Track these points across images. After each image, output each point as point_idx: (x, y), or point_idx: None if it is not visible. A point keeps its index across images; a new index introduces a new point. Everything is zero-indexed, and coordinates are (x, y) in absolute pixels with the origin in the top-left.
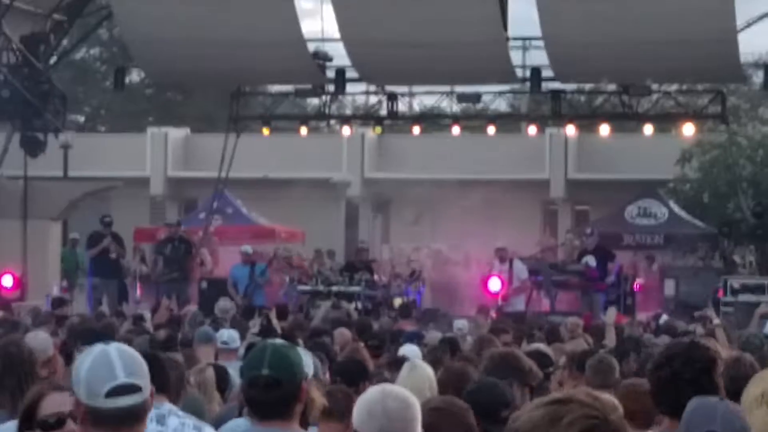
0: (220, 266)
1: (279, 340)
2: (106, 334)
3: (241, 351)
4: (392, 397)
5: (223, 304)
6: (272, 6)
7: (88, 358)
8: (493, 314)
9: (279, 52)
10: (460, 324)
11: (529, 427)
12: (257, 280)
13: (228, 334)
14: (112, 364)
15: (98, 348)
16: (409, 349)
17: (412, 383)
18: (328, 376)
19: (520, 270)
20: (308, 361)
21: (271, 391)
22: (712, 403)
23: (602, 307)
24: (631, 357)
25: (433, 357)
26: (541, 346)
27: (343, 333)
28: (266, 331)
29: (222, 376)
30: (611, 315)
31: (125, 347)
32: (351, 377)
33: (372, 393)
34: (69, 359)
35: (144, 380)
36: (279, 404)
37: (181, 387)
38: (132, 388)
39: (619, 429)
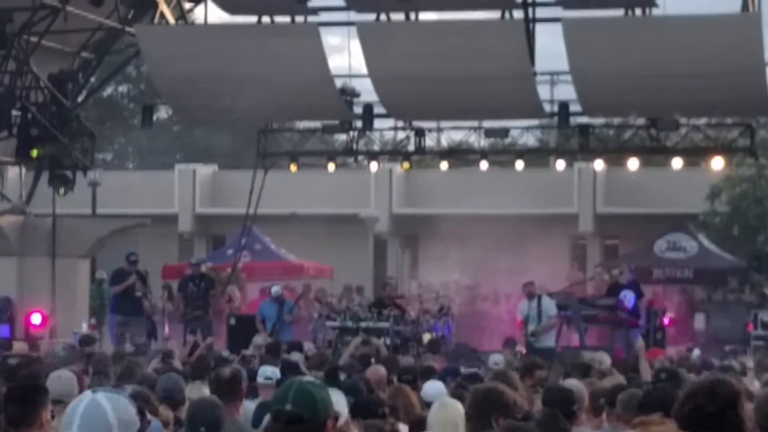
0: (248, 302)
1: (307, 377)
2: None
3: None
4: None
5: (257, 340)
6: (299, 42)
7: (78, 407)
8: (522, 350)
9: (306, 89)
10: (497, 359)
11: None
12: (285, 318)
13: (271, 370)
14: (74, 415)
15: (86, 397)
16: (432, 386)
17: (443, 420)
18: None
19: (549, 306)
20: (340, 399)
21: (292, 426)
22: None
23: (634, 341)
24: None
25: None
26: (573, 382)
27: (377, 370)
28: (289, 366)
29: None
30: (641, 345)
31: (113, 393)
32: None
33: None
34: None
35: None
36: None
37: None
38: None
39: None
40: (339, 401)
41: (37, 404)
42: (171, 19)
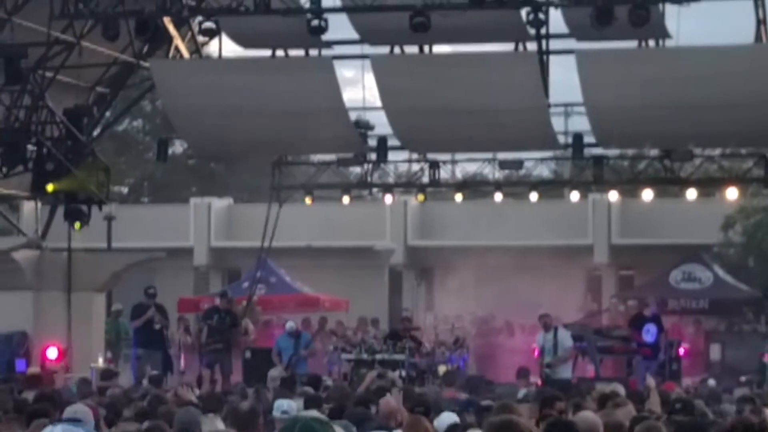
0: (265, 335)
1: (314, 414)
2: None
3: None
4: None
5: (273, 373)
6: (314, 76)
7: None
8: (538, 381)
9: (321, 122)
10: (520, 392)
11: None
12: (301, 353)
13: (287, 404)
14: None
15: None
16: (446, 418)
17: None
18: None
19: (565, 338)
20: None
21: None
22: None
23: (648, 372)
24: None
25: None
26: (589, 414)
27: (388, 401)
28: (311, 400)
29: None
30: (652, 381)
31: (71, 428)
32: None
33: None
34: None
35: None
36: None
37: None
38: None
39: None
40: None
41: None
42: (185, 54)
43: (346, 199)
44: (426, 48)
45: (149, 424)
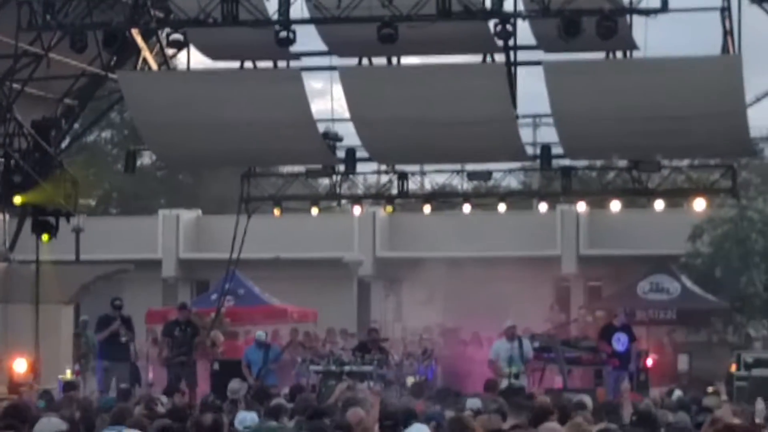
0: (233, 347)
1: (273, 424)
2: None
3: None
4: None
5: (233, 385)
6: (282, 87)
7: None
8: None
9: (289, 133)
10: (471, 403)
11: None
12: (270, 366)
13: (251, 417)
14: None
15: None
16: (417, 429)
17: None
18: None
19: (528, 348)
20: None
21: None
22: None
23: (614, 383)
24: None
25: None
26: (555, 425)
27: (356, 412)
28: (274, 410)
29: None
30: (626, 388)
31: None
32: None
33: None
34: None
35: None
36: None
37: None
38: None
39: None
40: None
41: None
42: (154, 65)
43: (314, 211)
44: (394, 59)
45: None
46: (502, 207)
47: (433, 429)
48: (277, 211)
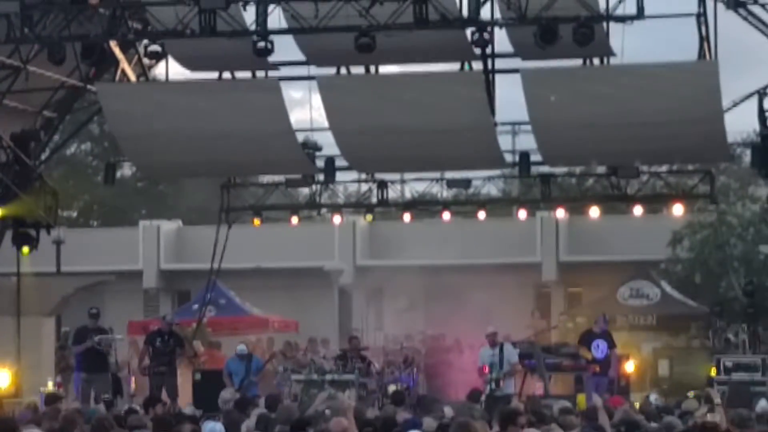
0: (214, 357)
1: None
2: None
3: None
4: None
5: (225, 395)
6: (261, 97)
7: None
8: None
9: (268, 143)
10: (446, 410)
11: None
12: (252, 379)
13: (219, 428)
14: None
15: None
16: None
17: None
18: None
19: (511, 353)
20: None
21: None
22: None
23: (599, 389)
24: None
25: None
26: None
27: (340, 422)
28: (263, 422)
29: None
30: (598, 399)
31: None
32: None
33: None
34: None
35: None
36: None
37: None
38: None
39: None
40: None
41: None
42: (132, 77)
43: (294, 220)
44: (372, 68)
45: None
46: (481, 214)
47: None
48: (257, 221)
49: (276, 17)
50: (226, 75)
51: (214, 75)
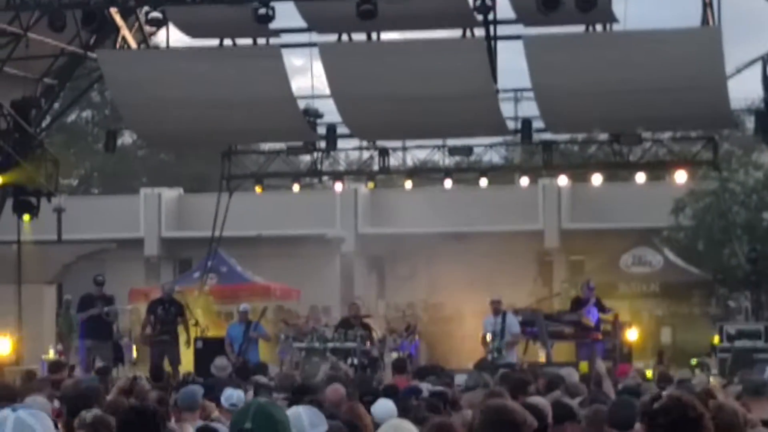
0: (215, 325)
1: (263, 399)
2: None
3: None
4: None
5: (220, 362)
6: (262, 64)
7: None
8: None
9: (270, 111)
10: (460, 379)
11: None
12: (251, 335)
13: (237, 395)
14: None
15: (3, 413)
16: (382, 405)
17: None
18: None
19: (513, 323)
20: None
21: None
22: None
23: (601, 356)
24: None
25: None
26: (539, 399)
27: (336, 389)
28: (261, 387)
29: None
30: (602, 365)
31: (28, 416)
32: None
33: None
34: (68, 427)
35: None
36: None
37: None
38: None
39: None
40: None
41: None
42: (133, 44)
43: (296, 188)
44: (374, 35)
45: (93, 416)
46: (483, 182)
47: (416, 404)
48: (258, 189)
49: None
50: (227, 42)
51: (215, 42)
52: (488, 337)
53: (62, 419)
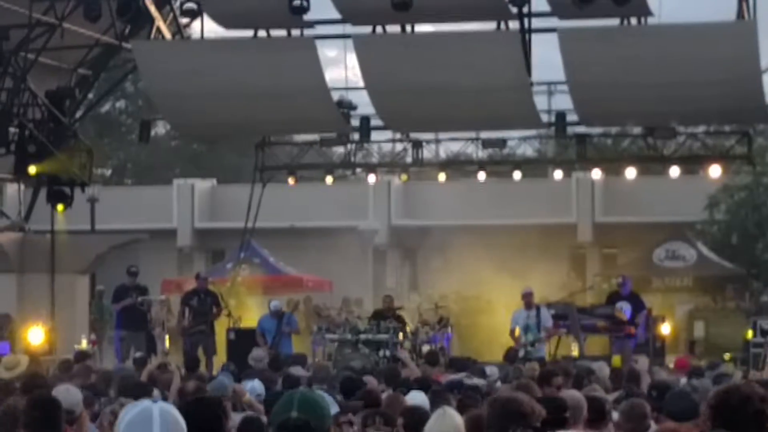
0: (248, 316)
1: (305, 388)
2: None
3: None
4: None
5: (256, 353)
6: (296, 56)
7: (130, 412)
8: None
9: (303, 102)
10: (489, 370)
11: None
12: (284, 329)
13: (260, 387)
14: (150, 422)
15: (142, 405)
16: (413, 397)
17: (439, 429)
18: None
19: (546, 318)
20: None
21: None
22: None
23: (633, 351)
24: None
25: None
26: (574, 393)
27: (368, 381)
28: (290, 381)
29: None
30: (643, 362)
31: (170, 408)
32: None
33: None
34: (94, 416)
35: None
36: None
37: None
38: None
39: None
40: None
41: (55, 417)
42: (167, 35)
43: (329, 180)
44: (408, 27)
45: None
46: (517, 174)
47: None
48: (291, 180)
49: None
50: (261, 33)
51: (249, 33)
52: (517, 331)
53: (89, 408)
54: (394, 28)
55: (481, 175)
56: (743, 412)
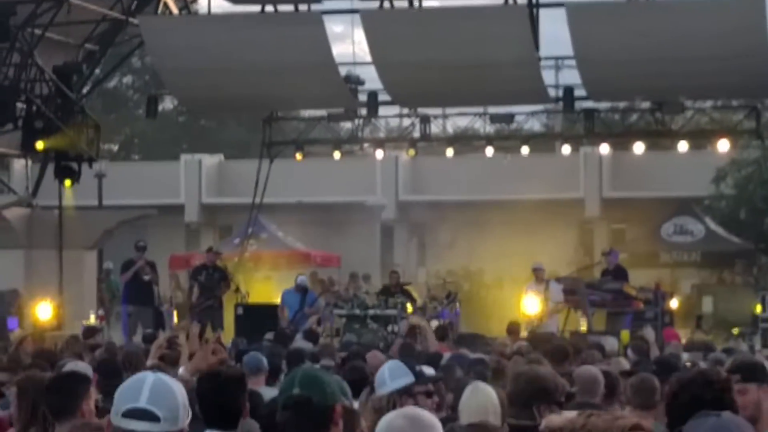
0: (256, 292)
1: (308, 365)
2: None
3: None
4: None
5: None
6: (303, 31)
7: (128, 380)
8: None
9: (311, 77)
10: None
11: None
12: (305, 310)
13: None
14: (140, 389)
15: (141, 374)
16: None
17: (477, 404)
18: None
19: (556, 292)
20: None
21: (302, 409)
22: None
23: (627, 326)
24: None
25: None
26: (590, 368)
27: (376, 355)
28: (294, 355)
29: None
30: (650, 334)
31: (166, 379)
32: None
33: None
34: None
35: (168, 413)
36: (312, 424)
37: None
38: (148, 415)
39: None
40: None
41: (80, 393)
42: (174, 10)
43: (336, 155)
44: (416, 2)
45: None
46: (524, 149)
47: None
48: (299, 155)
49: None
50: (269, 8)
51: (257, 8)
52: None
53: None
54: (401, 3)
55: (489, 151)
56: (701, 399)
